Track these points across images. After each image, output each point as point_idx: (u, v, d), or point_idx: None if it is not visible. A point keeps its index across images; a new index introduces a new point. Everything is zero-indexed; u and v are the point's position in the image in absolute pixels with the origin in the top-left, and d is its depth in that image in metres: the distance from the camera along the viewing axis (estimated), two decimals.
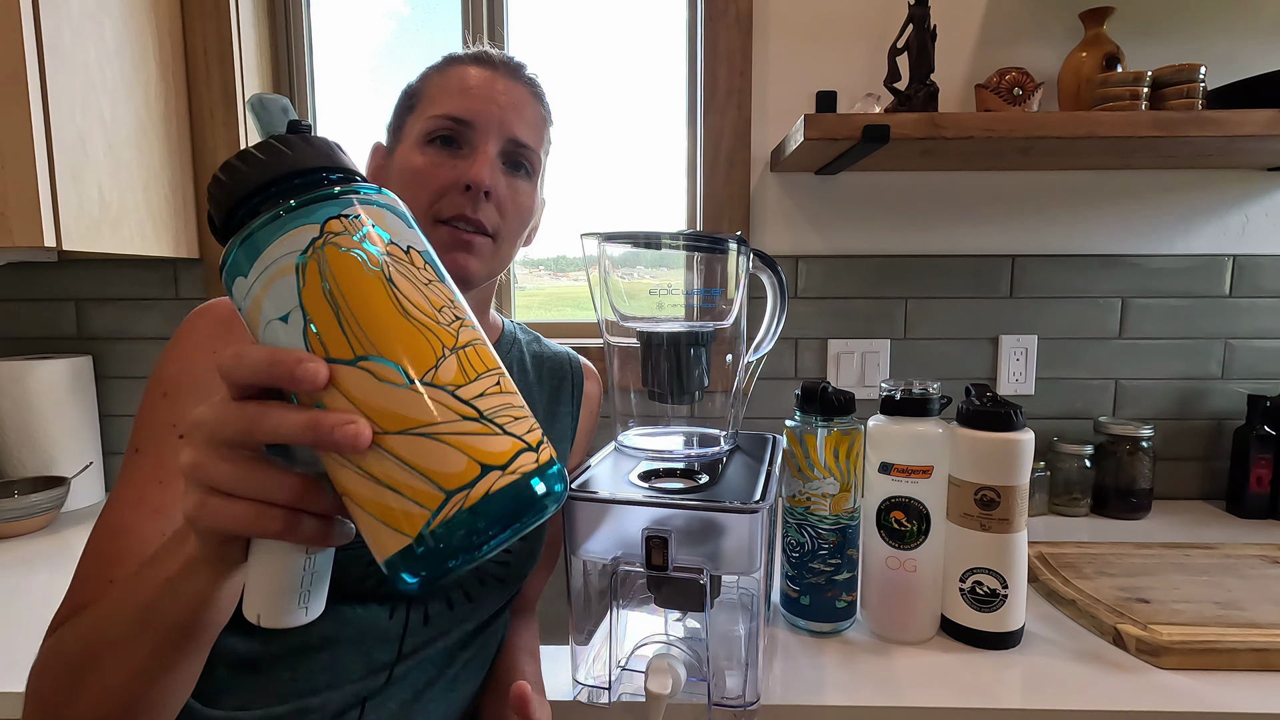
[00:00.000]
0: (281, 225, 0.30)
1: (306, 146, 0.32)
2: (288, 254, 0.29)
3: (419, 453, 0.28)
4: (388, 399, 0.28)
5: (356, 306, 0.29)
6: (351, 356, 0.28)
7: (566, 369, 0.80)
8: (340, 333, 0.29)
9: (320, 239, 0.29)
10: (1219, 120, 0.87)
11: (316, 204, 0.30)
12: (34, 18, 0.85)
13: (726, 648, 0.64)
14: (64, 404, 1.11)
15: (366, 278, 0.29)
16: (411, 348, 0.29)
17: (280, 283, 0.29)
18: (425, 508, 0.28)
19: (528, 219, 0.69)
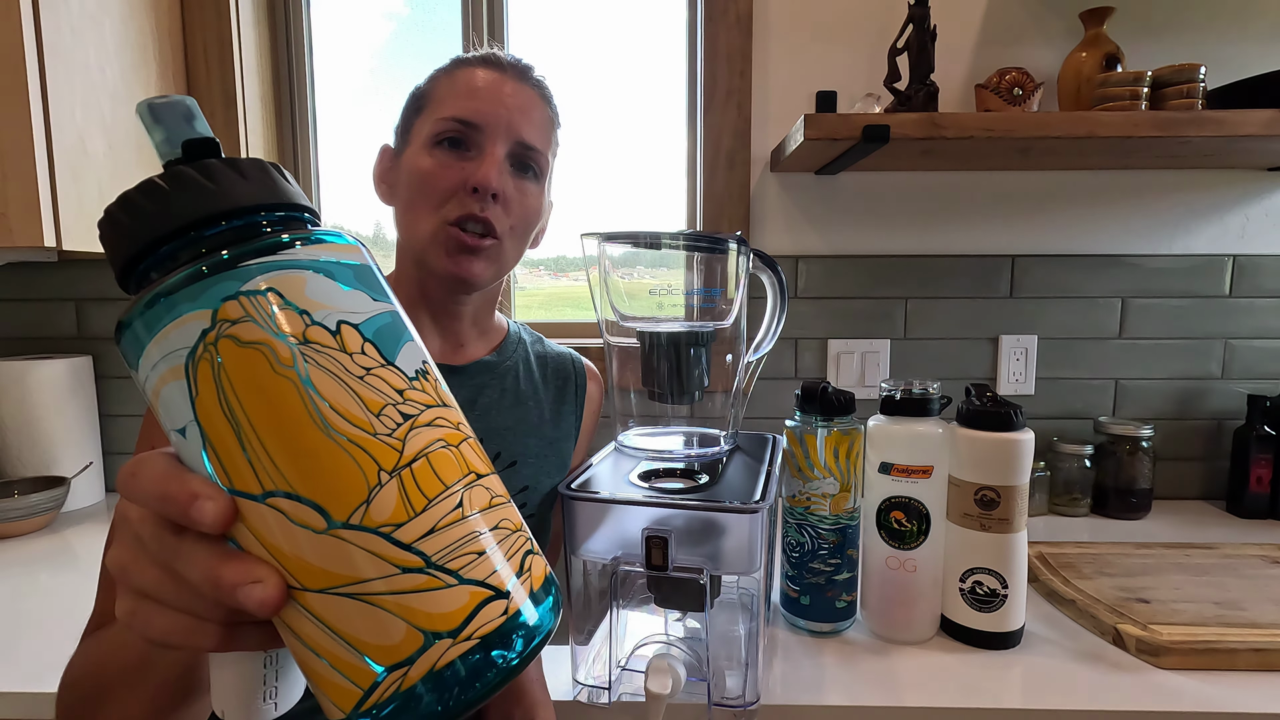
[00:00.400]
0: (164, 310, 0.22)
1: (202, 183, 0.24)
2: (175, 350, 0.22)
3: (344, 618, 0.22)
4: (303, 548, 0.22)
5: (261, 424, 0.22)
6: (259, 491, 0.22)
7: (570, 370, 0.80)
8: (244, 460, 0.22)
9: (212, 329, 0.22)
10: (1219, 120, 0.87)
11: (206, 280, 0.23)
12: (34, 18, 0.85)
13: (726, 648, 0.64)
14: (64, 404, 1.11)
15: (275, 381, 0.22)
16: (334, 477, 0.22)
17: (171, 388, 0.23)
18: (356, 685, 0.22)
19: (534, 221, 0.69)
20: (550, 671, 0.67)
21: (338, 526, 0.22)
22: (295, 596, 0.22)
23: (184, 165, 0.24)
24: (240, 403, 0.22)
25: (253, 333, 0.22)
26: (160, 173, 0.24)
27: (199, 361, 0.22)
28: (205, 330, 0.22)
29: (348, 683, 0.22)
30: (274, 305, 0.23)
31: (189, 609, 0.25)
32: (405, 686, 0.22)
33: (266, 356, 0.22)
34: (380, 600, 0.22)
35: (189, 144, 0.25)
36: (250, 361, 0.22)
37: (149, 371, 0.23)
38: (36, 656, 0.68)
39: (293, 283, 0.23)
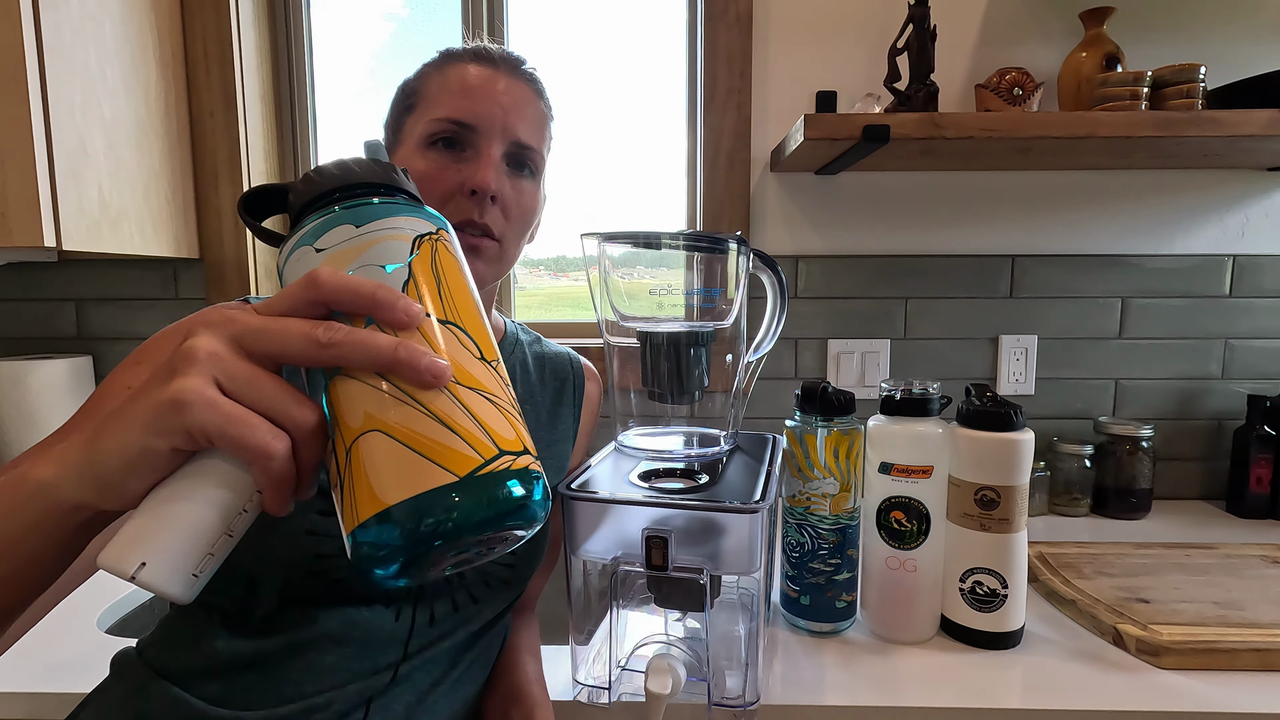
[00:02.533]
0: (413, 210, 0.34)
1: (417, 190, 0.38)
2: (408, 229, 0.33)
3: (484, 410, 0.31)
4: (465, 359, 0.31)
5: (454, 289, 0.33)
6: (443, 316, 0.32)
7: (568, 370, 0.80)
8: (438, 298, 0.32)
9: (435, 235, 0.34)
10: (1219, 120, 0.87)
11: (437, 216, 0.36)
12: (34, 18, 0.85)
13: (726, 648, 0.64)
14: (64, 404, 1.11)
15: (462, 278, 0.34)
16: (484, 335, 0.33)
17: (394, 243, 0.32)
18: (478, 454, 0.29)
19: (531, 218, 0.69)
20: (550, 671, 0.67)
21: (485, 361, 0.32)
22: (449, 387, 0.30)
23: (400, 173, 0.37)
24: (445, 274, 0.33)
25: (454, 250, 0.35)
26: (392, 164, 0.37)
27: (423, 242, 0.33)
28: (430, 233, 0.34)
29: (470, 451, 0.29)
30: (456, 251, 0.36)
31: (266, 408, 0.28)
32: (512, 466, 0.30)
33: (459, 266, 0.35)
34: (503, 409, 0.32)
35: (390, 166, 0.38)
36: (453, 261, 0.35)
37: (379, 229, 0.32)
38: (37, 656, 0.68)
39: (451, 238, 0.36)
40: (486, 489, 0.29)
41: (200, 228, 1.17)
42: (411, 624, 0.59)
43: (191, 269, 1.19)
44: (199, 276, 1.19)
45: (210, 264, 1.18)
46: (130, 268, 1.19)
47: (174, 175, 1.11)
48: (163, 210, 1.09)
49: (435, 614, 0.60)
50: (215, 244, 1.17)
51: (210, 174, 1.15)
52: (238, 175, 1.15)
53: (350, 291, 0.29)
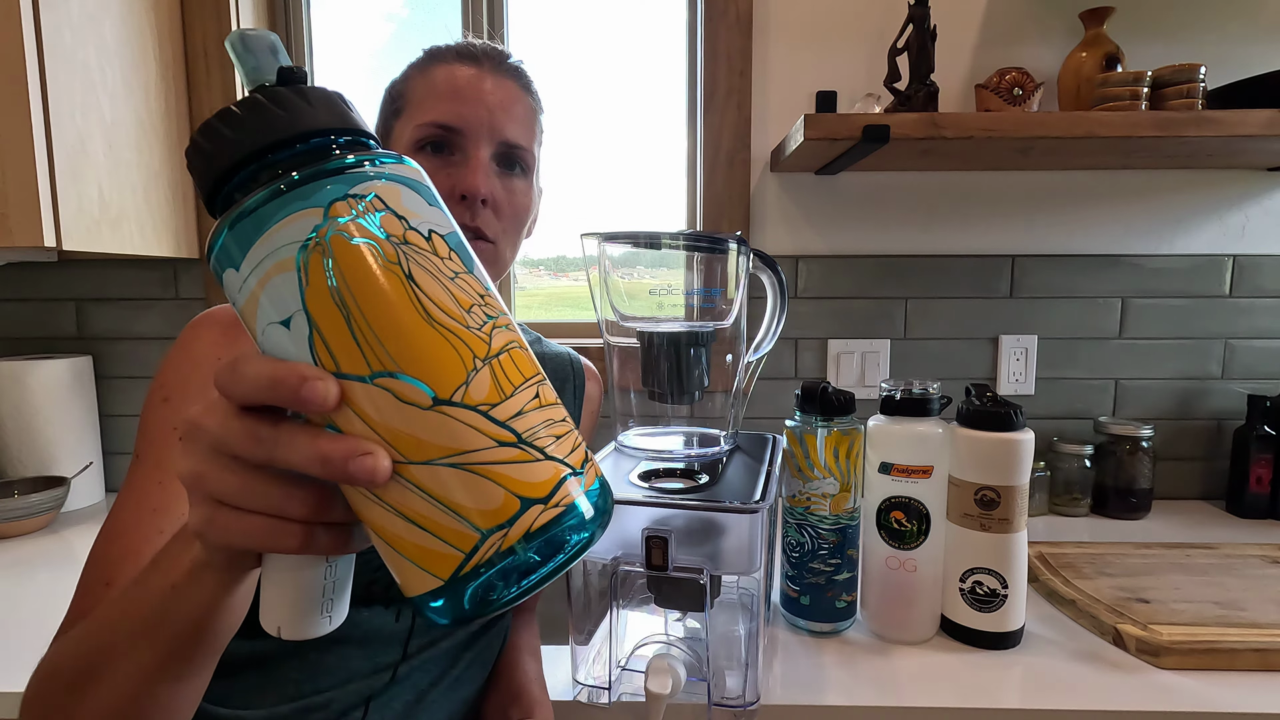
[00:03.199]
0: (277, 208, 0.24)
1: (302, 102, 0.26)
2: (286, 244, 0.24)
3: (449, 486, 0.24)
4: (411, 423, 0.24)
5: (370, 311, 0.24)
6: (367, 372, 0.24)
7: (569, 370, 0.80)
8: (353, 343, 0.24)
9: (325, 226, 0.24)
10: (1219, 120, 0.87)
11: (319, 180, 0.25)
12: (34, 18, 0.85)
13: (726, 648, 0.64)
14: (64, 404, 1.11)
15: (382, 274, 0.25)
16: (437, 360, 0.25)
17: (279, 279, 0.24)
18: (458, 549, 0.24)
19: (526, 217, 0.69)
20: (550, 671, 0.67)
21: (442, 403, 0.24)
22: (399, 470, 0.24)
23: (280, 87, 0.26)
24: (351, 291, 0.24)
25: (361, 231, 0.25)
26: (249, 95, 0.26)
27: (310, 254, 0.24)
28: (318, 226, 0.24)
29: (448, 548, 0.24)
30: (378, 209, 0.25)
31: (272, 509, 0.27)
32: (505, 546, 0.24)
33: (374, 253, 0.25)
34: (481, 469, 0.24)
35: (285, 70, 0.27)
36: (359, 256, 0.24)
37: (251, 270, 0.25)
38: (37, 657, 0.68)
39: (392, 192, 0.26)
40: (480, 578, 0.25)
41: (200, 228, 1.17)
42: (412, 624, 0.59)
43: (191, 269, 1.19)
44: (199, 276, 1.19)
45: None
46: (130, 268, 1.18)
47: (174, 175, 1.11)
48: (163, 210, 1.09)
49: None
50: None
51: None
52: None
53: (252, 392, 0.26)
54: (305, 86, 0.27)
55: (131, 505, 0.52)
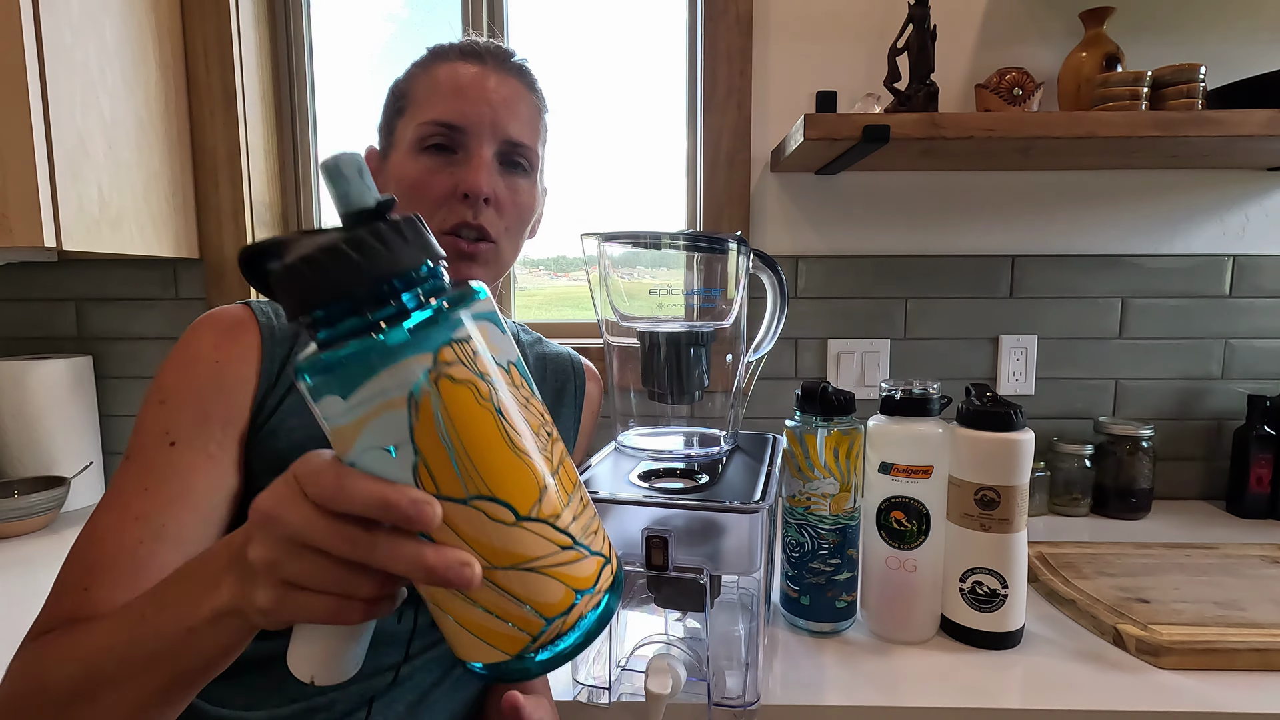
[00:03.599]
0: (391, 354, 0.27)
1: (402, 242, 0.28)
2: (399, 385, 0.27)
3: (523, 585, 0.29)
4: (497, 537, 0.29)
5: (470, 446, 0.28)
6: (464, 495, 0.28)
7: (569, 370, 0.80)
8: (454, 472, 0.28)
9: (434, 370, 0.28)
10: (1219, 120, 0.87)
11: (429, 328, 0.28)
12: (34, 18, 0.85)
13: (726, 648, 0.64)
14: (64, 404, 1.11)
15: (479, 412, 0.29)
16: (519, 484, 0.29)
17: (389, 415, 0.27)
18: (526, 633, 0.30)
19: (529, 216, 0.68)
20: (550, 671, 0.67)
21: (522, 519, 0.29)
22: (486, 574, 0.29)
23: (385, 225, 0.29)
24: (456, 429, 0.28)
25: (463, 374, 0.28)
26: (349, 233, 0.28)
27: (422, 397, 0.27)
28: (428, 370, 0.27)
29: (517, 632, 0.30)
30: (475, 351, 0.29)
31: (343, 590, 0.30)
32: (564, 630, 0.30)
33: (474, 393, 0.29)
34: (548, 571, 0.30)
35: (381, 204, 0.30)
36: (463, 398, 0.28)
37: (360, 402, 0.28)
38: None
39: (482, 331, 0.30)
40: (542, 658, 0.31)
41: (200, 228, 1.17)
42: (414, 625, 0.59)
43: (191, 269, 1.19)
44: (199, 276, 1.19)
45: (210, 264, 1.18)
46: (130, 268, 1.19)
47: (174, 175, 1.11)
48: (163, 210, 1.09)
49: None
50: (215, 244, 1.17)
51: (210, 174, 1.15)
52: (238, 175, 1.15)
53: (360, 509, 0.28)
54: (400, 221, 0.29)
55: (115, 509, 0.52)
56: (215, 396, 0.57)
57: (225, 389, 0.57)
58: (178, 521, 0.53)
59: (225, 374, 0.58)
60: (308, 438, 0.58)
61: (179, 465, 0.54)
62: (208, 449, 0.55)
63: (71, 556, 0.52)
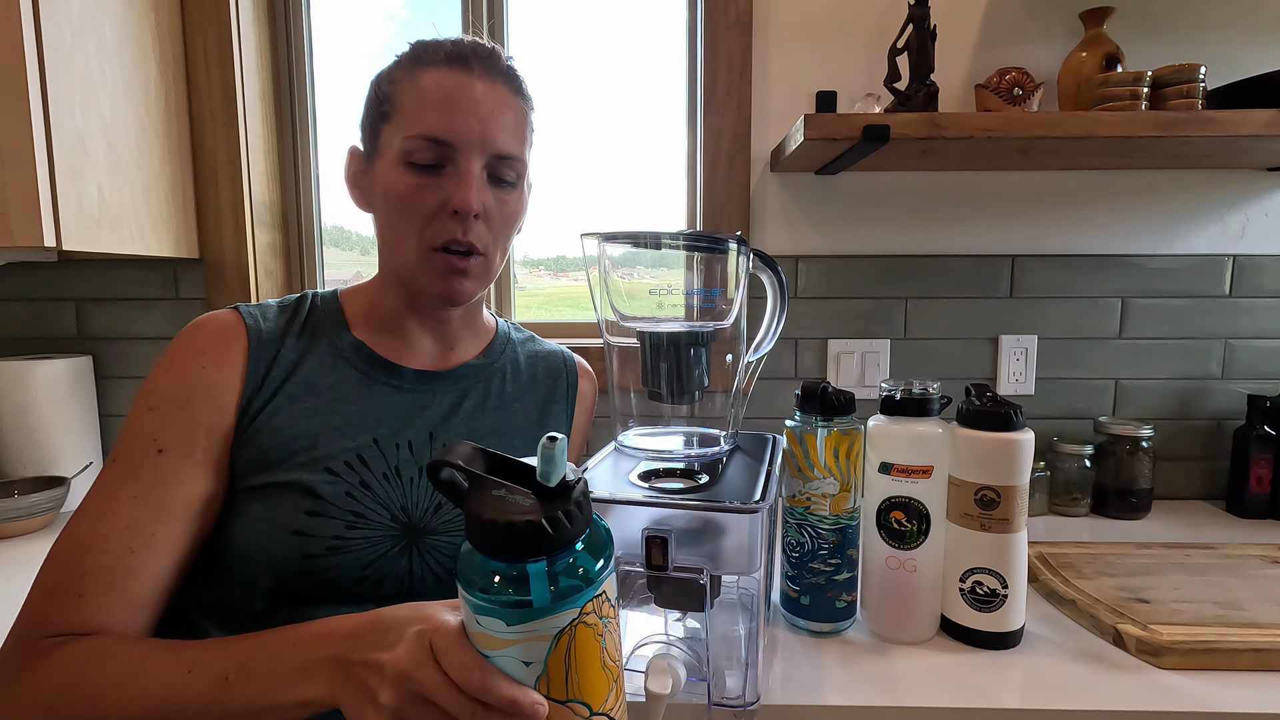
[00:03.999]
0: (559, 606, 0.37)
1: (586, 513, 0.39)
2: (551, 627, 0.37)
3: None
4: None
5: (581, 669, 0.39)
6: (565, 698, 0.38)
7: (561, 368, 0.80)
8: (564, 683, 0.38)
9: (578, 620, 0.38)
10: (1219, 120, 0.87)
11: (587, 587, 0.38)
12: (34, 18, 0.85)
13: (726, 648, 0.64)
14: (64, 404, 1.11)
15: (594, 644, 0.39)
16: (601, 692, 0.40)
17: (535, 644, 0.37)
18: None
19: (515, 223, 0.69)
20: None
21: (594, 714, 0.39)
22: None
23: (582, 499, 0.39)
24: (576, 659, 0.38)
25: (593, 620, 0.39)
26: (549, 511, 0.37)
27: (562, 635, 0.38)
28: (574, 620, 0.38)
29: None
30: (605, 601, 0.40)
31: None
32: None
33: (595, 634, 0.39)
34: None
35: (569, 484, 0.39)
36: (588, 636, 0.39)
37: (523, 631, 0.37)
38: None
39: (611, 583, 0.40)
40: None
41: (200, 228, 1.17)
42: None
43: (191, 269, 1.19)
44: (199, 276, 1.19)
45: (210, 264, 1.18)
46: (130, 268, 1.19)
47: (174, 175, 1.11)
48: (163, 210, 1.09)
49: None
50: (215, 244, 1.17)
51: (210, 174, 1.15)
52: (238, 175, 1.15)
53: (497, 699, 0.37)
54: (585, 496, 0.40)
55: (104, 515, 0.53)
56: (203, 404, 0.57)
57: (212, 395, 0.58)
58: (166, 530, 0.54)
59: (213, 380, 0.58)
60: (290, 437, 0.59)
61: (166, 474, 0.55)
62: (193, 456, 0.56)
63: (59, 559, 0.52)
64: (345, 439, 0.61)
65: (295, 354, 0.63)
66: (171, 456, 0.55)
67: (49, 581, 0.52)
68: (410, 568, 0.60)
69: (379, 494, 0.60)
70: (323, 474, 0.59)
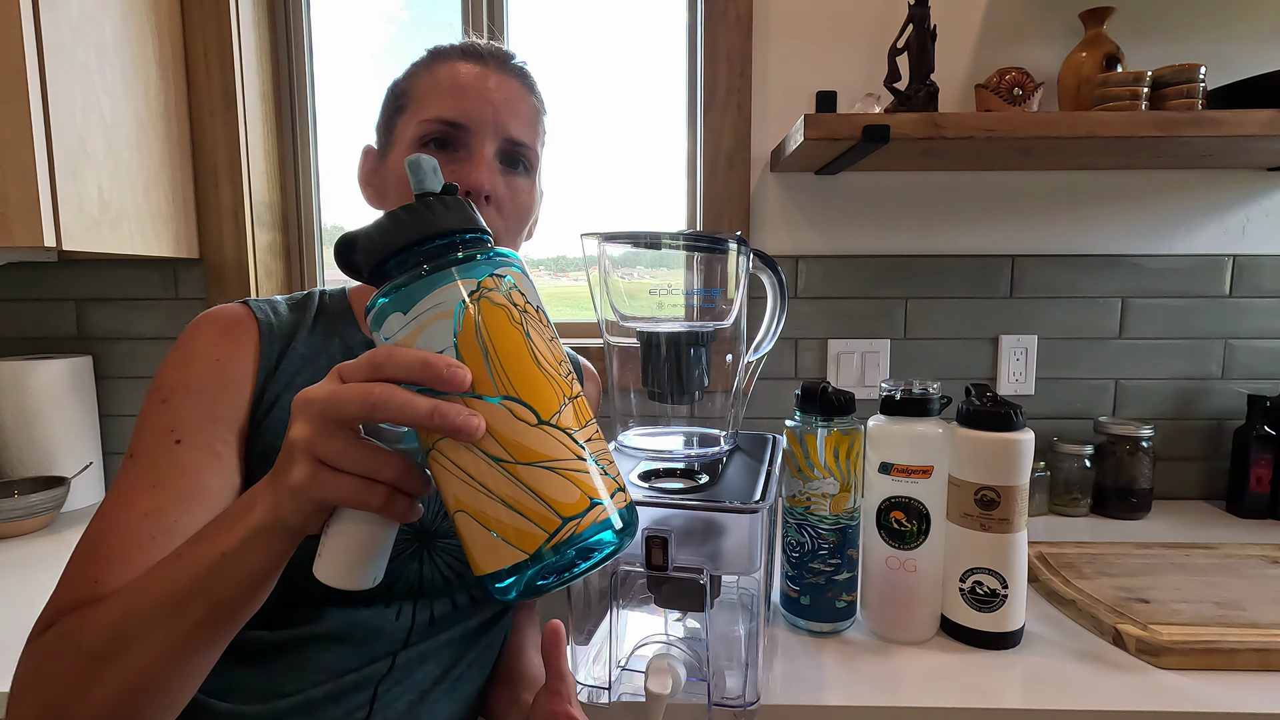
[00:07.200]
0: (446, 276, 0.35)
1: (464, 210, 0.38)
2: (448, 301, 0.35)
3: (543, 482, 0.33)
4: (520, 434, 0.34)
5: (502, 353, 0.35)
6: (495, 395, 0.34)
7: None
8: (486, 373, 0.34)
9: (477, 292, 0.35)
10: (1219, 120, 0.87)
11: (476, 263, 0.36)
12: (34, 18, 0.85)
13: (726, 648, 0.64)
14: (64, 404, 1.11)
15: (511, 329, 0.35)
16: (542, 393, 0.35)
17: (437, 325, 0.34)
18: (543, 529, 0.33)
19: (527, 216, 0.68)
20: None
21: (543, 424, 0.34)
22: (506, 467, 0.33)
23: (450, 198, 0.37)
24: (490, 338, 0.35)
25: (499, 299, 0.36)
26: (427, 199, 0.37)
27: (466, 310, 0.35)
28: (473, 291, 0.35)
29: (535, 529, 0.33)
30: (510, 285, 0.36)
31: (366, 471, 0.35)
32: (578, 531, 0.34)
33: (508, 314, 0.36)
34: (566, 473, 0.34)
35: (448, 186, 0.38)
36: (499, 314, 0.35)
37: (421, 312, 0.35)
38: None
39: (518, 276, 0.37)
40: (555, 557, 0.33)
41: (200, 228, 1.17)
42: (411, 622, 0.59)
43: (191, 269, 1.19)
44: (199, 276, 1.19)
45: (210, 264, 1.18)
46: (130, 268, 1.19)
47: (174, 175, 1.11)
48: (163, 210, 1.09)
49: (435, 613, 0.61)
50: (215, 244, 1.17)
51: (210, 174, 1.15)
52: (238, 175, 1.15)
53: (404, 372, 0.34)
54: (460, 199, 0.38)
55: (123, 505, 0.52)
56: (217, 394, 0.57)
57: (226, 386, 0.57)
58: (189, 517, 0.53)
59: (226, 372, 0.58)
60: None
61: (185, 463, 0.54)
62: (213, 447, 0.56)
63: (79, 552, 0.52)
64: None
65: (308, 350, 0.63)
66: (189, 447, 0.55)
67: (69, 573, 0.51)
68: (421, 570, 0.60)
69: None
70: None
